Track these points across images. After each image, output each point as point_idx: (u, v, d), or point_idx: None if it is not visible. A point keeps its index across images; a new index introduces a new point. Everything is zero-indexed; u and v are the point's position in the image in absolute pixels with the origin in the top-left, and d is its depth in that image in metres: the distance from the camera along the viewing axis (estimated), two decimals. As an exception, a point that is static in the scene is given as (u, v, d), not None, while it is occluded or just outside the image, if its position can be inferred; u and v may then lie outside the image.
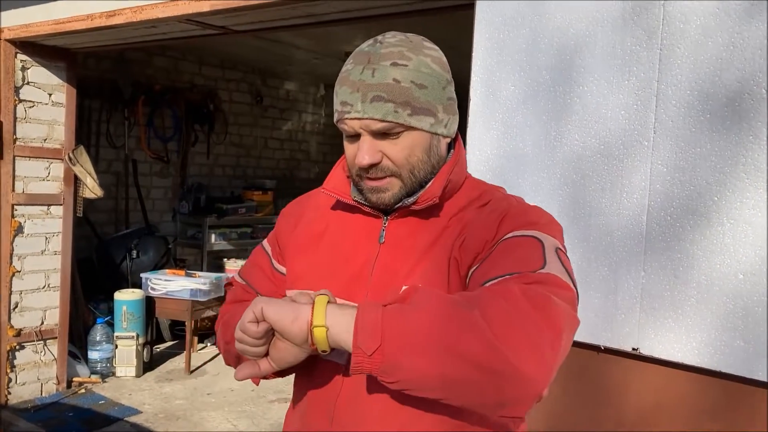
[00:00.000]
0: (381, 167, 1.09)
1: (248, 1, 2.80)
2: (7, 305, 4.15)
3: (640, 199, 1.77)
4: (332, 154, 8.64)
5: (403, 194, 1.11)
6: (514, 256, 1.00)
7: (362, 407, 1.09)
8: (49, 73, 4.24)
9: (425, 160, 1.10)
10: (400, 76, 1.05)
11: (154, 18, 3.19)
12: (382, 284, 1.10)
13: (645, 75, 1.77)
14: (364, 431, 1.09)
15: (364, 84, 1.05)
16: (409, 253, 1.11)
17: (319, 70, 7.28)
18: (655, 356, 1.75)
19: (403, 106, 1.05)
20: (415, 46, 1.09)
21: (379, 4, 2.75)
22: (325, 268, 1.16)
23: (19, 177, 4.14)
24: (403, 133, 1.07)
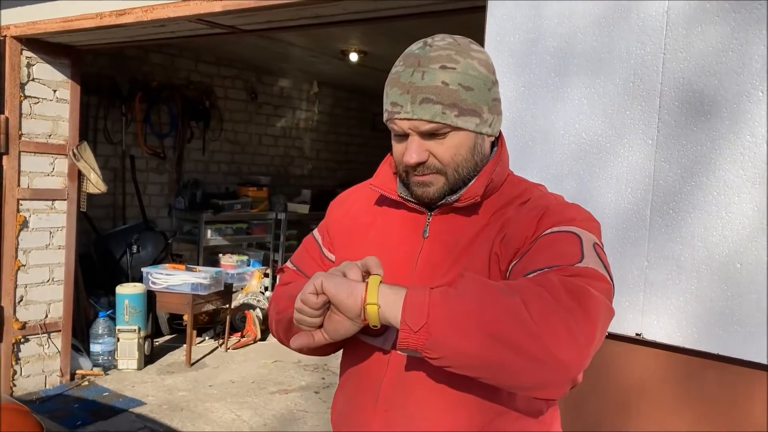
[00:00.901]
0: (427, 165, 1.15)
1: (260, 2, 2.89)
2: (12, 299, 4.21)
3: (644, 194, 1.89)
4: (326, 151, 8.74)
5: (446, 190, 1.17)
6: (554, 250, 1.06)
7: (406, 390, 1.16)
8: (53, 69, 4.30)
9: (469, 159, 1.16)
10: (449, 78, 1.11)
11: (164, 17, 3.27)
12: (425, 275, 1.17)
13: (646, 73, 1.89)
14: (407, 412, 1.16)
15: (413, 86, 1.11)
16: (451, 247, 1.18)
17: (313, 68, 7.36)
18: (658, 341, 1.88)
19: (450, 108, 1.11)
20: (462, 49, 1.14)
21: (387, 5, 2.85)
22: (376, 254, 1.22)
23: (25, 172, 4.20)
24: (450, 133, 1.13)
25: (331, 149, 8.84)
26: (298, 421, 4.14)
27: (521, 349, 0.93)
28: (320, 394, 4.58)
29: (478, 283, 1.01)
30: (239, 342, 5.69)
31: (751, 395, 1.74)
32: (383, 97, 1.18)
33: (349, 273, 1.05)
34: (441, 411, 1.15)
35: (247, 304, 6.07)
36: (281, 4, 2.84)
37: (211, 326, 5.89)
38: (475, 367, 0.98)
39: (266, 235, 7.32)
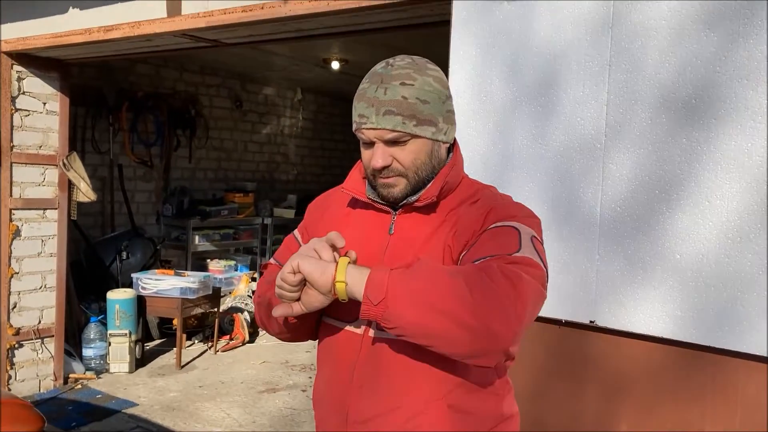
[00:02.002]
0: (391, 169, 1.33)
1: (242, 18, 3.05)
2: (6, 305, 4.34)
3: (594, 193, 2.08)
4: (310, 157, 8.90)
5: (408, 190, 1.35)
6: (496, 242, 1.25)
7: (376, 368, 1.34)
8: (43, 83, 4.44)
9: (427, 163, 1.34)
10: (407, 93, 1.28)
11: (151, 33, 3.43)
12: (392, 266, 1.34)
13: (622, 79, 2.08)
14: (377, 387, 1.34)
15: (377, 100, 1.29)
16: (413, 242, 1.35)
17: (297, 76, 7.53)
18: (609, 327, 2.06)
19: (409, 119, 1.28)
20: (420, 68, 1.32)
21: (362, 21, 3.02)
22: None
23: (17, 182, 4.33)
24: (410, 140, 1.31)
25: (316, 155, 9.00)
26: (285, 418, 4.29)
27: (461, 322, 1.12)
28: (307, 393, 4.74)
29: (429, 266, 1.20)
30: (228, 344, 5.83)
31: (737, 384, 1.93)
32: (352, 110, 1.35)
33: (322, 253, 1.24)
34: (406, 384, 1.32)
35: (235, 307, 6.21)
36: (262, 20, 3.01)
37: (200, 330, 6.03)
38: (424, 336, 1.17)
39: (253, 239, 7.47)
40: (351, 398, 1.37)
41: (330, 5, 2.77)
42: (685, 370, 1.97)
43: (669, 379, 1.99)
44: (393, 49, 5.76)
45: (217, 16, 3.12)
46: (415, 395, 1.32)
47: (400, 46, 5.65)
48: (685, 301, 1.94)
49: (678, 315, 1.95)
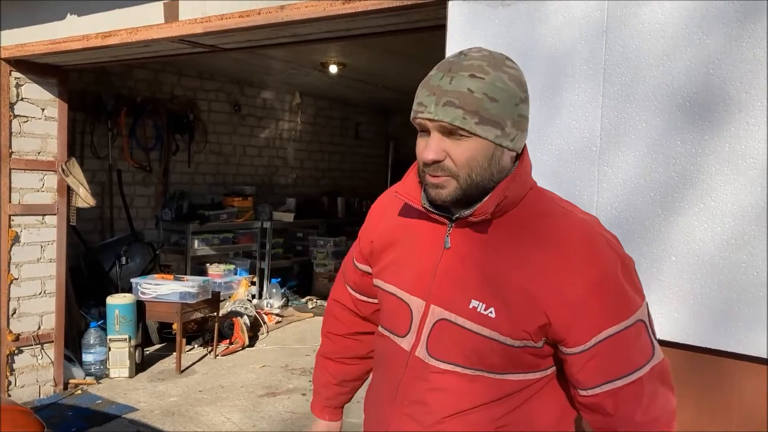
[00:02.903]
0: (442, 166, 1.18)
1: (239, 24, 3.06)
2: (6, 311, 4.34)
3: (590, 196, 2.09)
4: (309, 160, 8.91)
5: (458, 194, 1.19)
6: (632, 353, 1.19)
7: (421, 386, 1.28)
8: (41, 89, 4.45)
9: (485, 167, 1.18)
10: (475, 87, 1.14)
11: (148, 38, 3.44)
12: (443, 286, 1.26)
13: (617, 82, 2.09)
14: (419, 408, 1.28)
15: (440, 89, 1.16)
16: (467, 261, 1.24)
17: (294, 80, 7.55)
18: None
19: (471, 114, 1.14)
20: (496, 62, 1.18)
21: (358, 26, 3.03)
22: (400, 265, 1.33)
23: (15, 188, 4.34)
24: (469, 138, 1.16)
25: (315, 158, 9.01)
26: (286, 422, 4.30)
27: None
28: (307, 396, 4.74)
29: None
30: (228, 349, 5.83)
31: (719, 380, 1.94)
32: (414, 97, 1.24)
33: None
34: (449, 409, 1.26)
35: (234, 311, 6.22)
36: (259, 26, 3.02)
37: (200, 334, 6.03)
38: None
39: (252, 243, 7.48)
40: (393, 413, 1.33)
41: (326, 10, 2.78)
42: (683, 372, 1.97)
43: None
44: (390, 52, 5.79)
45: (214, 21, 3.13)
46: (457, 424, 1.25)
47: (398, 49, 5.67)
48: (683, 303, 1.95)
49: (675, 317, 1.96)
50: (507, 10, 2.26)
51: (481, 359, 1.22)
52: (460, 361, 1.24)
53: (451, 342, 1.24)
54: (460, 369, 1.24)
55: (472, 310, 1.21)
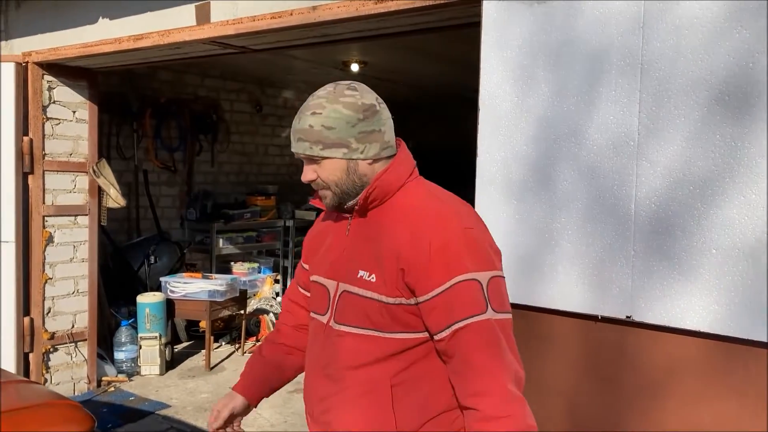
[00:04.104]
0: (317, 182, 1.53)
1: (270, 25, 3.11)
2: (41, 310, 4.43)
3: (628, 190, 2.11)
4: (329, 159, 8.94)
5: (336, 201, 1.54)
6: (463, 302, 1.40)
7: (333, 351, 1.54)
8: (72, 91, 4.52)
9: (344, 178, 1.51)
10: (314, 122, 1.47)
11: (180, 41, 3.49)
12: (344, 264, 1.55)
13: (655, 77, 2.11)
14: (334, 367, 1.53)
15: (294, 128, 1.51)
16: (362, 242, 1.54)
17: (315, 79, 7.58)
18: (646, 322, 2.09)
19: (315, 144, 1.48)
20: (335, 96, 1.48)
21: (389, 24, 3.07)
22: (322, 257, 1.64)
23: (48, 190, 4.42)
24: (323, 161, 1.49)
25: (335, 156, 9.04)
26: (316, 417, 4.35)
27: None
28: (336, 392, 4.79)
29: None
30: (255, 346, 5.90)
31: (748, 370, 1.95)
32: None
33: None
34: (356, 368, 1.51)
35: (260, 309, 6.28)
36: (291, 26, 3.06)
37: (227, 332, 6.10)
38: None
39: (275, 242, 7.54)
40: (317, 377, 1.58)
41: (359, 10, 2.82)
42: (724, 363, 1.99)
43: (708, 373, 2.02)
44: (412, 50, 5.81)
45: (246, 23, 3.18)
46: (363, 377, 1.49)
47: (419, 47, 5.69)
48: (722, 295, 1.97)
49: (716, 309, 1.97)
50: (543, 7, 2.28)
51: (370, 319, 1.48)
52: (355, 323, 1.51)
53: (349, 308, 1.52)
54: (355, 330, 1.51)
55: (360, 279, 1.50)
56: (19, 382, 2.60)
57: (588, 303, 2.21)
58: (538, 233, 2.32)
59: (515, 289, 2.34)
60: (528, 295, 2.33)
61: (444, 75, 7.06)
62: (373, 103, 1.52)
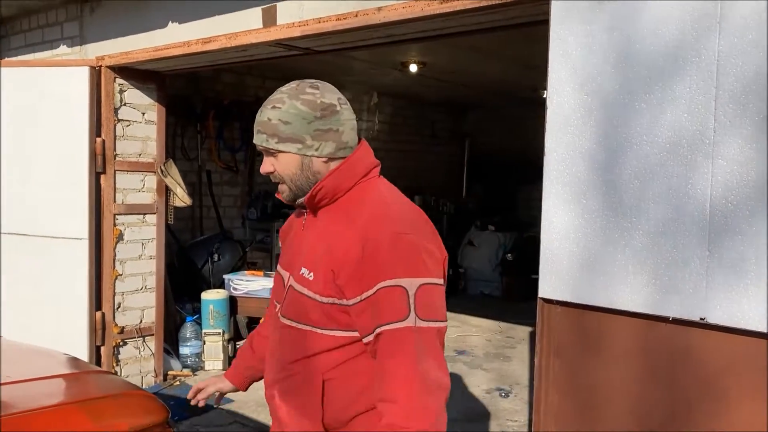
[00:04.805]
0: (274, 176, 1.57)
1: (336, 27, 3.15)
2: (112, 305, 4.60)
3: (703, 189, 2.06)
4: (387, 159, 8.96)
5: (292, 195, 1.58)
6: (387, 308, 1.41)
7: (280, 338, 1.63)
8: (142, 94, 4.68)
9: (299, 174, 1.55)
10: (272, 115, 1.52)
11: (247, 43, 3.57)
12: (295, 258, 1.61)
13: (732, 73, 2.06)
14: (279, 356, 1.62)
15: (256, 120, 1.56)
16: (309, 240, 1.59)
17: (373, 80, 7.65)
18: (720, 324, 2.04)
19: (272, 137, 1.52)
20: (296, 92, 1.53)
21: (454, 24, 3.07)
22: (287, 249, 1.72)
23: (119, 189, 4.59)
24: (278, 154, 1.53)
25: (392, 157, 9.09)
26: (375, 415, 4.38)
27: None
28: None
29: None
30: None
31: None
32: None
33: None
34: (296, 359, 1.58)
35: (318, 307, 6.36)
36: (355, 28, 3.10)
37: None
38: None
39: (333, 241, 7.61)
40: (270, 362, 1.67)
41: (424, 10, 2.83)
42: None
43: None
44: (470, 49, 5.80)
45: (311, 25, 3.24)
46: (299, 369, 1.57)
47: (479, 46, 5.68)
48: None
49: (797, 312, 1.91)
50: (612, 5, 2.25)
51: (306, 315, 1.54)
52: (294, 318, 1.58)
53: (292, 303, 1.59)
54: (295, 324, 1.57)
55: (301, 276, 1.55)
56: (98, 372, 2.71)
57: (658, 304, 2.17)
58: (605, 233, 2.29)
59: (580, 289, 2.32)
60: (593, 295, 2.30)
61: (503, 74, 7.02)
62: (333, 103, 1.55)
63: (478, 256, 8.67)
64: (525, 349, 6.13)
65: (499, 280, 8.47)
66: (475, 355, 5.92)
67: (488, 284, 8.62)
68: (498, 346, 6.24)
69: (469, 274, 8.79)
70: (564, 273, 2.36)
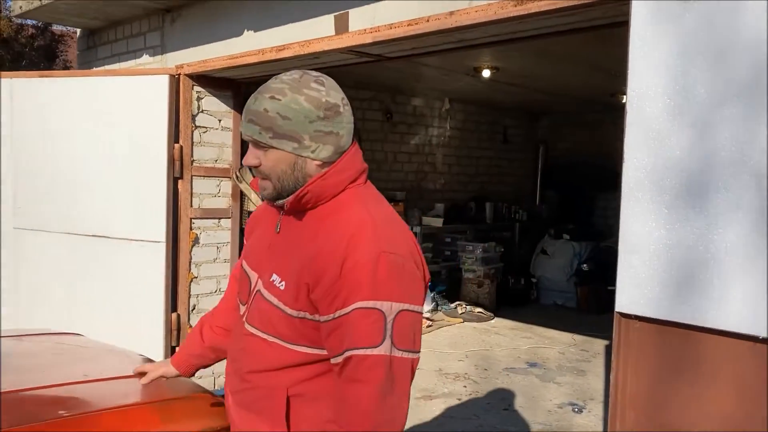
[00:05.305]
0: (259, 170, 1.44)
1: (408, 32, 3.12)
2: (187, 307, 4.72)
3: (801, 200, 1.91)
4: (457, 165, 8.93)
5: (275, 193, 1.45)
6: (360, 330, 1.31)
7: (243, 346, 1.54)
8: (218, 101, 4.79)
9: (289, 173, 1.42)
10: (270, 107, 1.38)
11: (319, 50, 3.60)
12: (264, 262, 1.51)
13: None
14: (242, 362, 1.53)
15: (248, 108, 1.42)
16: (284, 245, 1.48)
17: (445, 86, 7.59)
18: (820, 346, 1.88)
19: (266, 130, 1.39)
20: (299, 85, 1.40)
21: (528, 27, 2.99)
22: (252, 247, 1.61)
23: (196, 194, 4.71)
24: (270, 149, 1.41)
25: (463, 163, 9.01)
26: (441, 426, 4.31)
27: None
28: (462, 401, 4.73)
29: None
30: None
31: None
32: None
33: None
34: (259, 372, 1.50)
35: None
36: (428, 33, 3.06)
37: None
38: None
39: (403, 248, 7.58)
40: (229, 368, 1.59)
41: (497, 13, 2.77)
42: None
43: None
44: (544, 53, 5.66)
45: (383, 31, 3.22)
46: (262, 381, 1.48)
47: (553, 50, 5.53)
48: None
49: None
50: (702, 6, 2.12)
51: (274, 327, 1.44)
52: (260, 327, 1.48)
53: (258, 311, 1.48)
54: (261, 334, 1.47)
55: (271, 283, 1.44)
56: (170, 373, 2.76)
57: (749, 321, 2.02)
58: (693, 245, 2.15)
59: (662, 304, 2.19)
60: (676, 311, 2.17)
61: (578, 78, 6.83)
62: (338, 104, 1.43)
63: (552, 265, 8.46)
64: (600, 364, 5.92)
65: (573, 291, 8.24)
66: (547, 367, 5.75)
67: (562, 295, 8.39)
68: (572, 360, 6.05)
69: (542, 284, 8.58)
70: (644, 286, 2.24)
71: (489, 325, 7.26)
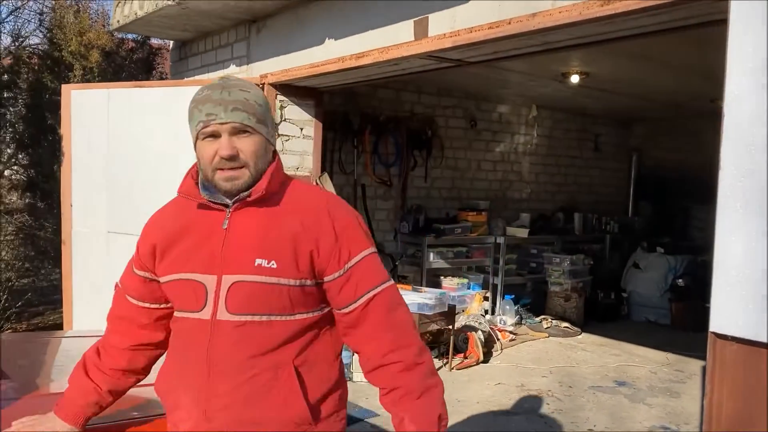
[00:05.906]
0: (239, 159, 1.49)
1: (488, 35, 3.03)
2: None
3: None
4: (544, 174, 8.68)
5: (250, 181, 1.51)
6: (369, 276, 1.54)
7: (227, 344, 1.52)
8: (300, 110, 4.85)
9: (263, 157, 1.52)
10: (248, 96, 1.50)
11: (398, 57, 3.56)
12: (229, 258, 1.52)
13: None
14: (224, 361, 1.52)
15: (224, 100, 1.48)
16: (249, 234, 1.52)
17: (532, 92, 7.40)
18: None
19: (252, 115, 1.49)
20: (245, 84, 1.54)
21: (614, 28, 2.84)
22: (188, 254, 1.57)
23: (277, 201, 4.77)
24: (252, 134, 1.49)
25: (550, 172, 8.74)
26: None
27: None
28: (545, 419, 4.54)
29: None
30: (462, 363, 5.83)
31: None
32: (191, 116, 1.52)
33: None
34: (256, 356, 1.53)
35: (468, 326, 6.21)
36: (509, 35, 2.96)
37: (435, 346, 6.11)
38: None
39: (485, 258, 7.44)
40: (210, 379, 1.53)
41: (582, 14, 2.64)
42: None
43: None
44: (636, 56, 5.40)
45: (463, 35, 3.14)
46: (265, 364, 1.52)
47: (648, 53, 5.27)
48: None
49: None
50: (809, -5, 1.92)
51: (271, 304, 1.51)
52: (254, 310, 1.51)
53: (245, 297, 1.51)
54: (257, 317, 1.51)
55: (258, 267, 1.50)
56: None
57: None
58: (797, 262, 1.95)
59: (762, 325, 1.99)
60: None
61: (674, 84, 6.50)
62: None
63: (645, 279, 8.05)
64: (696, 385, 5.55)
65: (667, 307, 7.80)
66: (637, 387, 5.45)
67: (655, 311, 7.96)
68: (664, 380, 5.71)
69: (634, 299, 8.18)
70: (741, 306, 2.05)
71: (575, 341, 6.98)
